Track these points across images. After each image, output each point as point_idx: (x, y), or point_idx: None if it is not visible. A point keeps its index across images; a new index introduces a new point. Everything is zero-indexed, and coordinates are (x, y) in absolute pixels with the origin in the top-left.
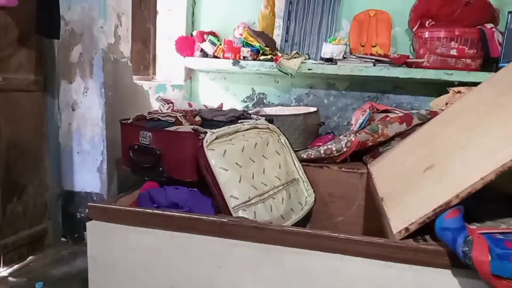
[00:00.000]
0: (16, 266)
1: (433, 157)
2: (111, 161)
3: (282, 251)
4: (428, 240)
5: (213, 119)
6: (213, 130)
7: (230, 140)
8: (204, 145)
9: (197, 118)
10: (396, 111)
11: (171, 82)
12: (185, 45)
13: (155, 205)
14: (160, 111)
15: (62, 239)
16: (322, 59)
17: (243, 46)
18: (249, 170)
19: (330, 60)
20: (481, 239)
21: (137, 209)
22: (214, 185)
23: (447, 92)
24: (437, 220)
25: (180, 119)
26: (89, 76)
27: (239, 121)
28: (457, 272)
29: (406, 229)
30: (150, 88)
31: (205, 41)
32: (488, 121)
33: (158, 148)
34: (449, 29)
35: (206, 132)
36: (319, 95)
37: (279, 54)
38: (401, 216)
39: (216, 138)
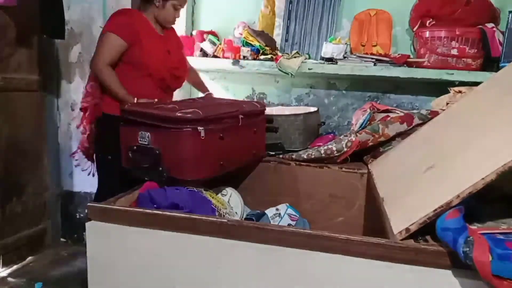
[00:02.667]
0: (15, 267)
1: (434, 157)
2: None
3: (282, 251)
4: (428, 241)
5: None
6: None
7: None
8: None
9: None
10: (396, 111)
11: None
12: (185, 45)
13: (155, 205)
14: None
15: (62, 239)
16: (322, 58)
17: (243, 46)
18: None
19: (330, 60)
20: (482, 240)
21: (136, 209)
22: None
23: (448, 92)
24: (437, 220)
25: None
26: (88, 76)
27: None
28: (458, 273)
29: (407, 229)
30: None
31: (205, 40)
32: (489, 121)
33: (157, 148)
34: (450, 28)
35: None
36: (319, 95)
37: (279, 54)
38: (402, 216)
39: None
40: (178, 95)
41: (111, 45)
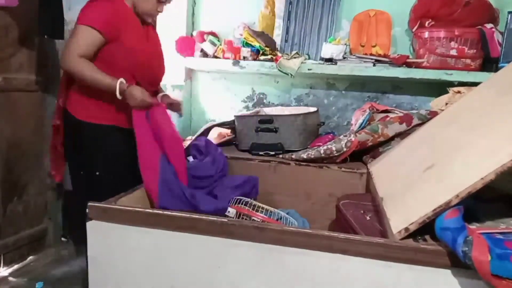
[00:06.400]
0: (16, 266)
1: (433, 157)
2: None
3: (282, 251)
4: (428, 240)
5: None
6: None
7: None
8: None
9: None
10: (396, 111)
11: (171, 82)
12: (185, 45)
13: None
14: None
15: (62, 239)
16: (322, 59)
17: (243, 46)
18: None
19: (330, 60)
20: (481, 239)
21: (137, 209)
22: None
23: (447, 92)
24: (437, 220)
25: None
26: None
27: None
28: (457, 272)
29: (406, 229)
30: None
31: (205, 41)
32: (488, 121)
33: None
34: (449, 29)
35: None
36: (319, 95)
37: (279, 54)
38: (401, 216)
39: None
40: (179, 95)
41: (85, 38)
